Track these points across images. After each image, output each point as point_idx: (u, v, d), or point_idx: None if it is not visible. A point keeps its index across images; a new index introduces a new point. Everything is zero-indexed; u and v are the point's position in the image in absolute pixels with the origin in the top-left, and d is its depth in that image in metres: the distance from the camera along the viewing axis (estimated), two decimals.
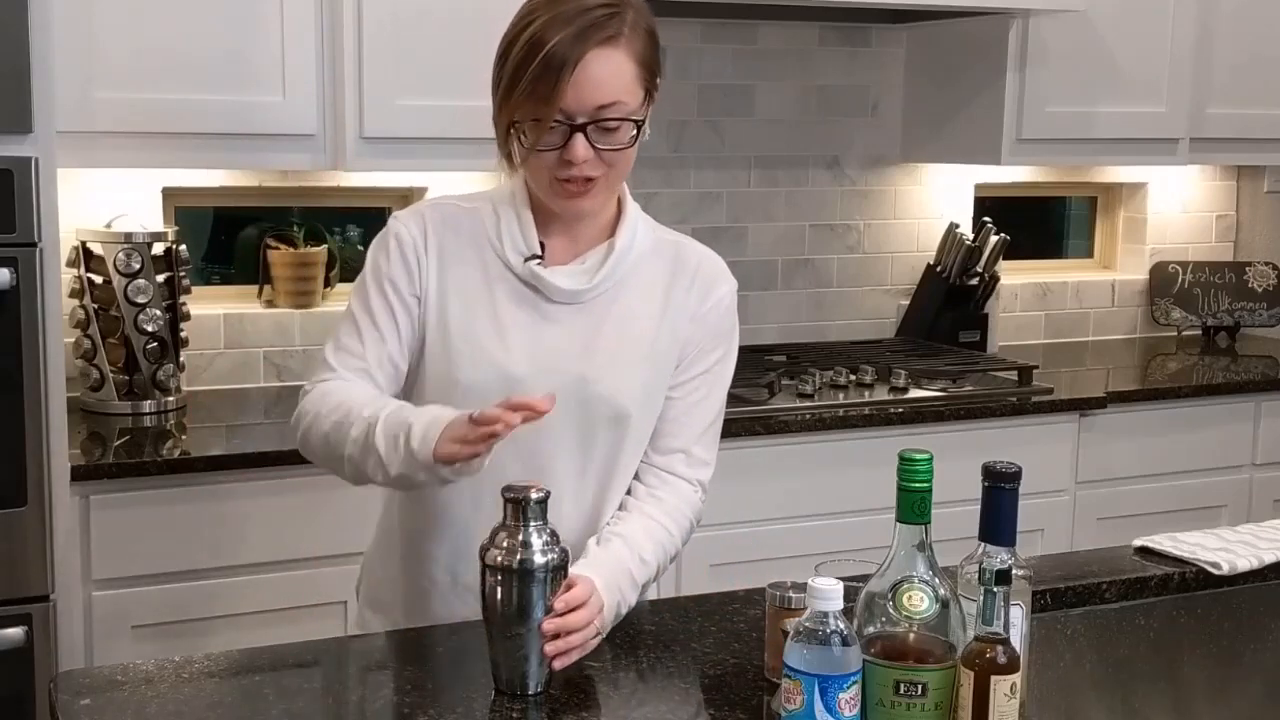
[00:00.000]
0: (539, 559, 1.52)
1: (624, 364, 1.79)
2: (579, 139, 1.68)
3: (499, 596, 1.53)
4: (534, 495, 1.53)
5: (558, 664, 1.55)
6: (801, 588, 1.49)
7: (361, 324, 1.79)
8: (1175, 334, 4.20)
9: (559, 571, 1.54)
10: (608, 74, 1.67)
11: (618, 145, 1.71)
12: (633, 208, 1.86)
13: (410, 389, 1.82)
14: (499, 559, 1.52)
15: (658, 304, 1.83)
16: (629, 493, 1.84)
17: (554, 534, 1.55)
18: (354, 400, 1.72)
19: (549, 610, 1.53)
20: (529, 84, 1.65)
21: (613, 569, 1.69)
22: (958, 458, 1.93)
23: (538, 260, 1.78)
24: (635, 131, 1.72)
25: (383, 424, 1.65)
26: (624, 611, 1.71)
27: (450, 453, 1.58)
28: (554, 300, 1.79)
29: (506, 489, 1.54)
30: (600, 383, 1.78)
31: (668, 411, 1.85)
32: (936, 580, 1.38)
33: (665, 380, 1.84)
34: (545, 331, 1.78)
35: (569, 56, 1.64)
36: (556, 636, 1.53)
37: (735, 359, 1.91)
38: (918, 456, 1.38)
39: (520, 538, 1.52)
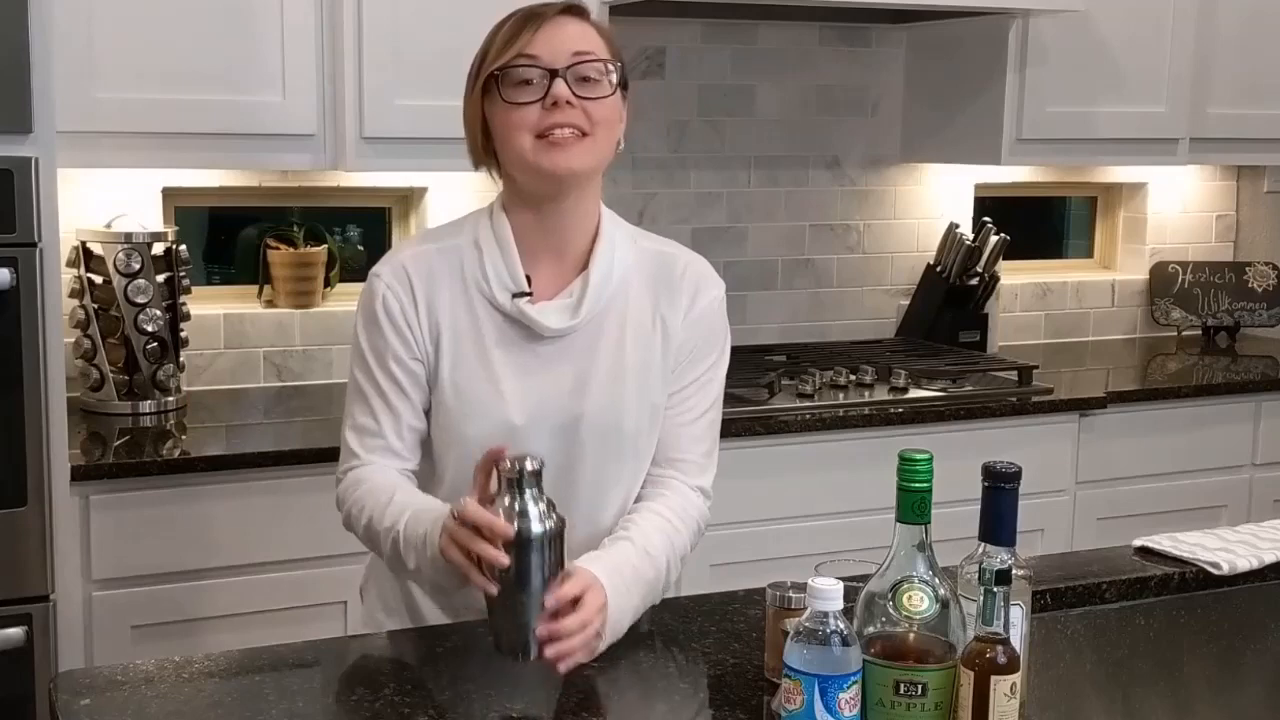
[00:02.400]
0: (536, 527, 1.53)
1: (621, 393, 1.78)
2: (559, 82, 1.71)
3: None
4: (529, 466, 1.54)
5: (561, 667, 1.54)
6: (801, 588, 1.49)
7: (373, 401, 1.79)
8: (1175, 334, 4.20)
9: (557, 540, 1.55)
10: (577, 31, 1.75)
11: (599, 94, 1.73)
12: (609, 227, 1.83)
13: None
14: None
15: (648, 321, 1.82)
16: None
17: (551, 503, 1.55)
18: (376, 506, 1.74)
19: (548, 580, 1.53)
20: (505, 39, 1.72)
21: (616, 565, 1.67)
22: (958, 458, 1.93)
23: (525, 298, 1.77)
24: (615, 87, 1.75)
25: (403, 538, 1.69)
26: (632, 609, 1.67)
27: (452, 557, 1.57)
28: (544, 337, 1.77)
29: (500, 464, 1.55)
30: (600, 417, 1.77)
31: (664, 423, 1.83)
32: (936, 580, 1.38)
33: (665, 396, 1.83)
34: (538, 373, 1.77)
35: (539, 12, 1.74)
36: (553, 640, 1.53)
37: (727, 362, 1.90)
38: (918, 456, 1.38)
39: (517, 507, 1.53)
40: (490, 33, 1.77)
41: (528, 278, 1.77)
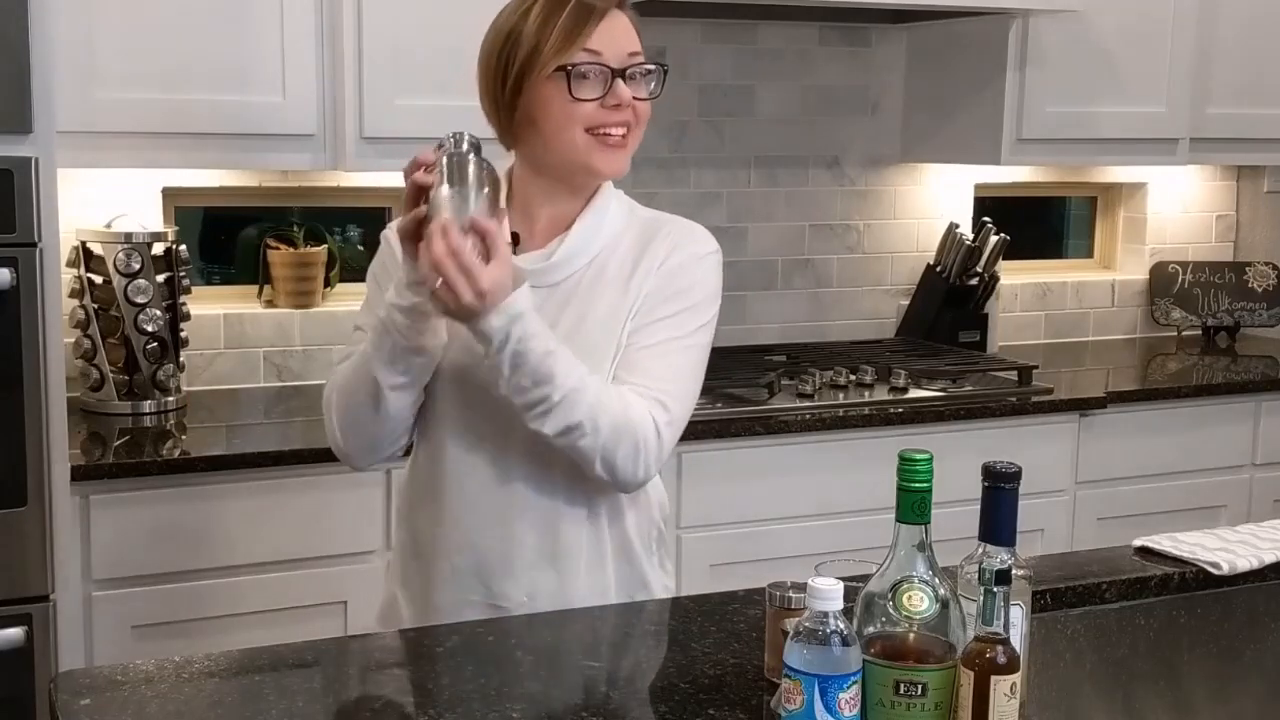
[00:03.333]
0: (464, 146, 1.66)
1: (581, 350, 1.75)
2: (620, 84, 1.77)
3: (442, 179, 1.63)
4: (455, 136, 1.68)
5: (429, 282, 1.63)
6: (801, 588, 1.49)
7: (373, 304, 1.87)
8: (1175, 334, 4.20)
9: (497, 186, 1.66)
10: (626, 27, 1.80)
11: (648, 95, 1.81)
12: (605, 195, 1.87)
13: None
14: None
15: (624, 280, 1.82)
16: None
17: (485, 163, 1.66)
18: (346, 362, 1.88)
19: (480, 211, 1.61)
20: (566, 30, 1.73)
21: (540, 325, 1.68)
22: (958, 458, 1.93)
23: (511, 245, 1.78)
24: (659, 84, 1.82)
25: (371, 331, 1.78)
26: (534, 334, 1.67)
27: (402, 226, 1.67)
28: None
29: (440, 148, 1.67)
30: None
31: (623, 353, 1.80)
32: (936, 580, 1.38)
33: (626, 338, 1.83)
34: None
35: (591, 3, 1.75)
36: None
37: (707, 320, 1.85)
38: (918, 456, 1.38)
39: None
40: (534, 16, 1.74)
41: (515, 235, 1.80)
